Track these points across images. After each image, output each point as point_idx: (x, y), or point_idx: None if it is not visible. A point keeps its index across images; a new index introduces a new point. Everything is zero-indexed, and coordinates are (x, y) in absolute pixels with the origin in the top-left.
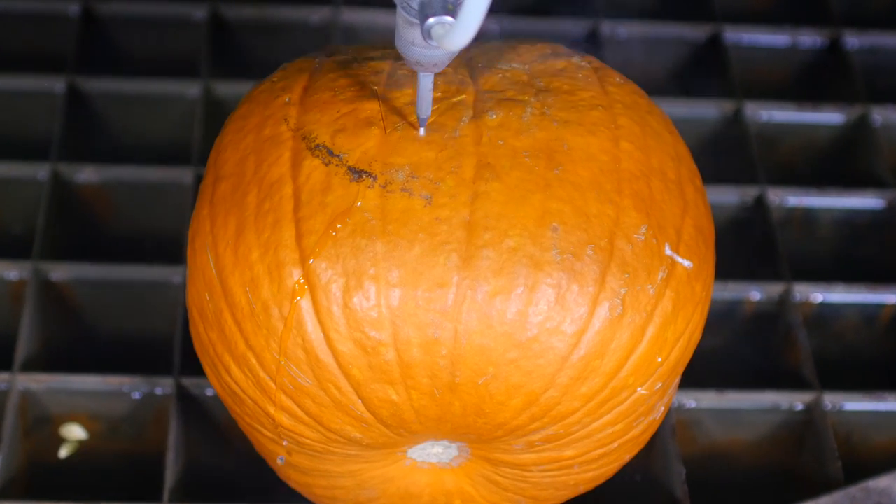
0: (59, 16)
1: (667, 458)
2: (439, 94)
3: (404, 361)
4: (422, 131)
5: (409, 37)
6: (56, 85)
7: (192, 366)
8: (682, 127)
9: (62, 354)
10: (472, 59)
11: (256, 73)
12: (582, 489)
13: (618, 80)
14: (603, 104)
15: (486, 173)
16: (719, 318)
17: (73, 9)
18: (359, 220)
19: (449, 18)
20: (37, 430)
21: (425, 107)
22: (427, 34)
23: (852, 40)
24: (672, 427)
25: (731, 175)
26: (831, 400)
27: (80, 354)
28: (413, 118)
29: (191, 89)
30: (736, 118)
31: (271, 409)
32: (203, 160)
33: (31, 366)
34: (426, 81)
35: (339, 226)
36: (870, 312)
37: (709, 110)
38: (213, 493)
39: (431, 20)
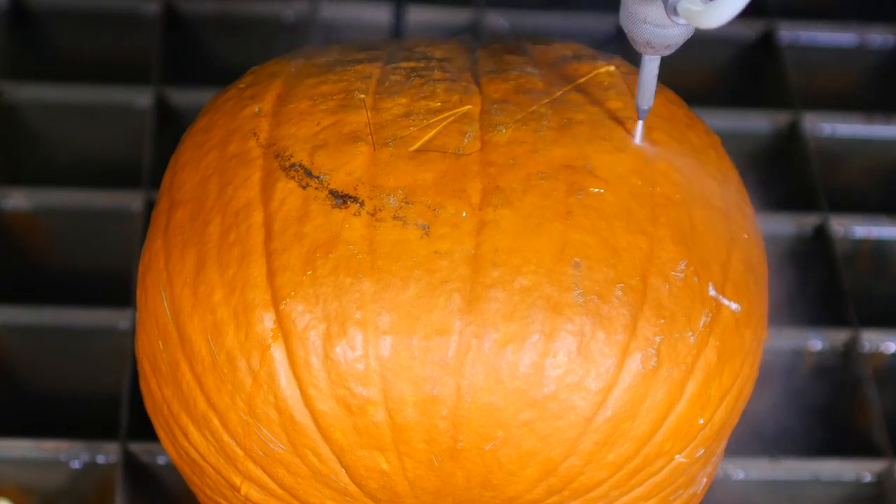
0: None
1: None
2: (438, 104)
3: (397, 423)
4: (640, 128)
5: (640, 13)
6: None
7: (143, 429)
8: (729, 143)
9: None
10: (477, 62)
11: (220, 79)
12: None
13: None
14: (634, 116)
15: (494, 199)
16: (773, 372)
17: None
18: (342, 253)
19: None
20: None
21: (648, 95)
22: (672, 10)
23: None
24: (716, 503)
25: (787, 201)
26: None
27: (8, 415)
28: (406, 133)
29: (141, 98)
30: (792, 132)
31: (237, 480)
32: (156, 183)
33: None
34: (652, 66)
35: (318, 261)
36: None
37: (760, 123)
38: None
39: None
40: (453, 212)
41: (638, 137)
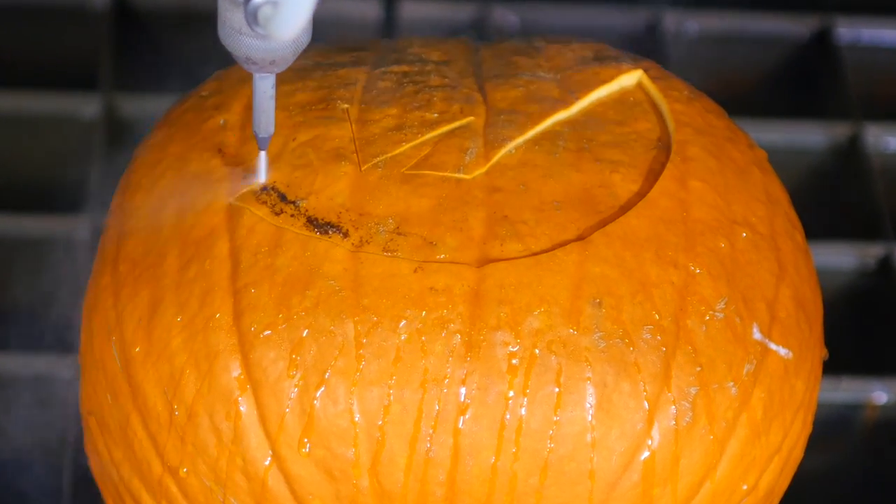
0: None
1: None
2: (435, 115)
3: (386, 490)
4: (262, 161)
5: (234, 22)
6: None
7: (88, 495)
8: (777, 159)
9: None
10: (481, 65)
11: (177, 85)
12: None
13: (686, 94)
14: (662, 137)
15: (501, 229)
16: (830, 429)
17: None
18: (322, 290)
19: None
20: None
21: (265, 120)
22: (252, 18)
23: None
24: None
25: (847, 227)
26: None
27: None
28: (398, 150)
29: (86, 107)
30: (852, 147)
31: None
32: (104, 206)
33: None
34: (264, 85)
35: (294, 299)
36: None
37: (814, 136)
38: None
39: None
40: (453, 245)
41: (261, 174)
